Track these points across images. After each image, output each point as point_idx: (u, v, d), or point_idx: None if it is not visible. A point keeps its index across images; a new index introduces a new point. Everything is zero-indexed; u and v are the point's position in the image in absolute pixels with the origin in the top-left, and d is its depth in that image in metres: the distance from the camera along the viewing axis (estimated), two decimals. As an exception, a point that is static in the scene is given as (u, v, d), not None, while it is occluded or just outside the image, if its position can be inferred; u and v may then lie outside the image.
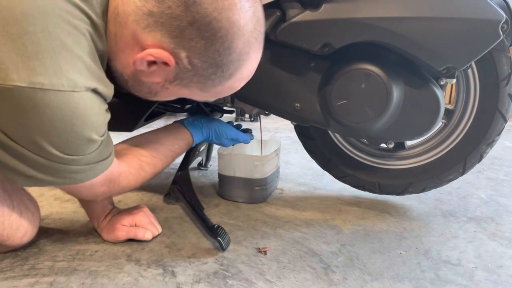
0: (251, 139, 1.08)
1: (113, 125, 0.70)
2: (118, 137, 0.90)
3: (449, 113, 1.04)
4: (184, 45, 0.62)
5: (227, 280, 0.78)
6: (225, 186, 1.16)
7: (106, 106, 0.65)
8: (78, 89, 0.57)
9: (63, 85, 0.56)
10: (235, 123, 1.08)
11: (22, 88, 0.53)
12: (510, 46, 0.93)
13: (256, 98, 0.98)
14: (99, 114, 0.63)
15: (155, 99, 0.73)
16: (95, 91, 0.61)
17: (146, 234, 0.91)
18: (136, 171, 0.82)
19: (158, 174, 0.88)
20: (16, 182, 0.64)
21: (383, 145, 1.02)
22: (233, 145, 1.07)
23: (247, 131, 1.09)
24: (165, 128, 0.94)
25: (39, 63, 0.54)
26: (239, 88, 0.73)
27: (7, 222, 0.77)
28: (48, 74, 0.54)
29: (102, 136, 0.65)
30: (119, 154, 0.79)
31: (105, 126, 0.66)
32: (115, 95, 0.67)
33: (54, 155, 0.60)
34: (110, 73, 0.68)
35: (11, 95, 0.53)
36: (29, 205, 0.83)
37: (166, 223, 1.00)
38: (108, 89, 0.64)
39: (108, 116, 0.66)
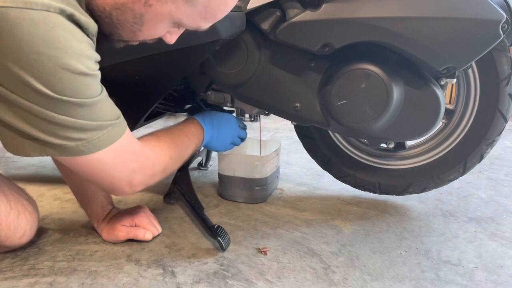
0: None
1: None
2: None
3: (449, 113, 1.04)
4: None
5: (227, 280, 0.78)
6: (225, 186, 1.16)
7: (90, 41, 0.61)
8: (52, 9, 0.55)
9: (36, 4, 0.54)
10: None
11: None
12: (510, 46, 0.93)
13: (256, 98, 0.98)
14: (82, 42, 0.59)
15: (142, 32, 0.66)
16: (71, 18, 0.57)
17: (146, 234, 0.91)
18: (166, 151, 0.81)
19: (174, 170, 0.87)
20: (24, 151, 0.61)
21: (383, 145, 1.02)
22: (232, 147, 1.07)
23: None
24: (184, 125, 0.94)
25: None
26: (227, 7, 0.68)
27: (4, 223, 0.77)
28: None
29: (92, 71, 0.61)
30: (141, 139, 0.79)
31: (94, 63, 0.61)
32: (114, 94, 0.67)
33: (46, 95, 0.57)
34: (93, 17, 0.64)
35: None
36: (27, 206, 0.82)
37: (166, 223, 1.00)
38: (88, 20, 0.60)
39: (97, 56, 0.62)
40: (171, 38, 0.70)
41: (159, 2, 0.63)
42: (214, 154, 1.48)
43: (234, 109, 1.22)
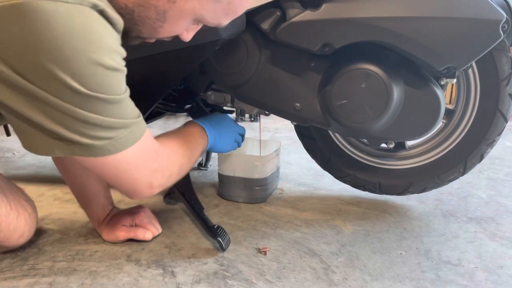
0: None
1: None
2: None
3: (449, 113, 1.03)
4: None
5: (227, 280, 0.78)
6: (225, 186, 1.16)
7: (119, 37, 0.61)
8: (85, 3, 0.54)
9: None
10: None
11: (31, 1, 0.51)
12: (510, 46, 0.93)
13: (256, 98, 0.98)
14: (113, 37, 0.59)
15: (164, 29, 0.66)
16: (102, 13, 0.57)
17: (146, 234, 0.91)
18: (180, 150, 0.80)
19: (187, 171, 0.87)
20: (49, 151, 0.60)
21: (383, 145, 1.02)
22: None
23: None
24: (188, 128, 0.93)
25: None
26: (247, 3, 0.69)
27: (4, 223, 0.77)
28: None
29: (122, 67, 0.61)
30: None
31: (122, 59, 0.61)
32: None
33: (79, 92, 0.56)
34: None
35: (19, 13, 0.51)
36: (26, 206, 0.82)
37: (166, 223, 1.00)
38: (116, 16, 0.59)
39: (124, 52, 0.61)
40: (188, 36, 0.70)
41: None
42: (214, 154, 1.48)
43: (234, 109, 1.22)
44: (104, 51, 0.57)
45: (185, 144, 0.84)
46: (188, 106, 1.18)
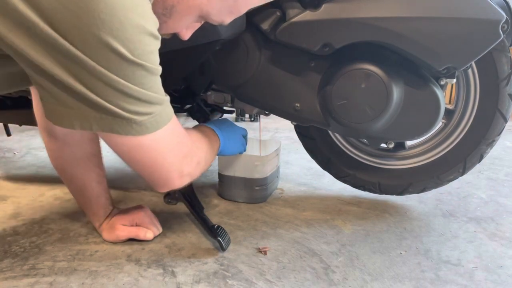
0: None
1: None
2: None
3: (449, 113, 1.04)
4: None
5: (227, 280, 0.78)
6: (225, 186, 1.16)
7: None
8: None
9: None
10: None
11: None
12: (510, 46, 0.93)
13: (256, 98, 0.98)
14: (150, 9, 0.59)
15: (167, 24, 0.66)
16: None
17: (147, 233, 0.91)
18: (204, 140, 0.81)
19: (209, 166, 0.86)
20: (86, 124, 0.59)
21: (383, 145, 1.02)
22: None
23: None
24: (203, 129, 0.92)
25: None
26: (252, 2, 0.70)
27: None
28: None
29: (158, 37, 0.60)
30: None
31: (157, 30, 0.60)
32: None
33: (125, 58, 0.55)
34: None
35: None
36: None
37: (166, 223, 1.00)
38: None
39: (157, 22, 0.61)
40: (187, 34, 0.70)
41: None
42: (214, 154, 1.48)
43: (234, 109, 1.22)
44: (149, 19, 0.57)
45: (206, 138, 0.85)
46: (188, 106, 1.18)
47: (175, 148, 0.70)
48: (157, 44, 0.60)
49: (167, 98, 0.66)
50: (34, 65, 0.54)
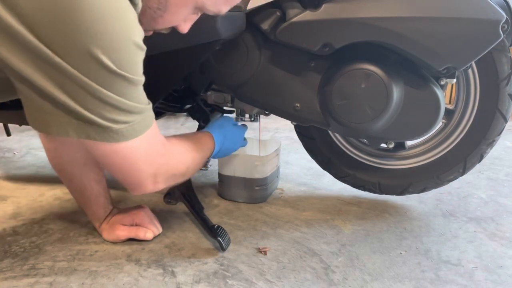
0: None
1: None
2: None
3: (449, 113, 1.04)
4: None
5: (227, 280, 0.78)
6: (225, 186, 1.16)
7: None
8: None
9: None
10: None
11: None
12: (510, 46, 0.93)
13: (256, 98, 0.98)
14: (136, 19, 0.58)
15: (163, 18, 0.66)
16: None
17: (147, 233, 0.91)
18: (188, 153, 0.80)
19: (192, 175, 0.86)
20: (62, 130, 0.58)
21: (383, 145, 1.02)
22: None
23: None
24: (200, 134, 0.93)
25: None
26: None
27: None
28: None
29: (144, 47, 0.60)
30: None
31: (142, 41, 0.60)
32: None
33: (107, 68, 0.55)
34: None
35: None
36: None
37: (166, 223, 1.00)
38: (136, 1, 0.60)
39: (143, 33, 0.61)
40: (185, 27, 0.70)
41: None
42: (214, 154, 1.48)
43: (234, 109, 1.22)
44: (135, 29, 0.57)
45: (194, 148, 0.84)
46: (188, 106, 1.18)
47: (150, 157, 0.70)
48: (142, 55, 0.60)
49: (149, 106, 0.66)
50: (14, 71, 0.54)
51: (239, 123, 1.08)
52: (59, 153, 0.90)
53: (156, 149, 0.71)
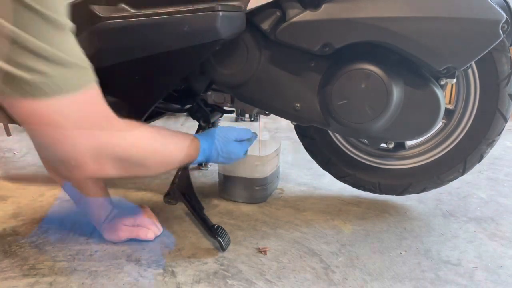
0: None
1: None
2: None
3: (449, 113, 1.04)
4: None
5: (227, 280, 0.78)
6: (225, 186, 1.16)
7: None
8: None
9: None
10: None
11: None
12: (510, 46, 0.93)
13: (256, 98, 0.98)
14: None
15: None
16: None
17: (148, 233, 0.91)
18: (152, 142, 0.69)
19: (146, 173, 0.75)
20: None
21: (383, 145, 1.02)
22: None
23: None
24: (182, 137, 0.84)
25: None
26: None
27: None
28: None
29: None
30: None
31: None
32: (115, 94, 0.66)
33: None
34: None
35: None
36: None
37: (166, 223, 1.00)
38: None
39: None
40: None
41: None
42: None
43: (234, 109, 1.22)
44: None
45: (162, 142, 0.74)
46: (188, 106, 1.18)
47: (85, 128, 0.58)
48: None
49: (85, 64, 0.56)
50: None
51: (244, 138, 0.98)
52: None
53: (94, 119, 0.59)
